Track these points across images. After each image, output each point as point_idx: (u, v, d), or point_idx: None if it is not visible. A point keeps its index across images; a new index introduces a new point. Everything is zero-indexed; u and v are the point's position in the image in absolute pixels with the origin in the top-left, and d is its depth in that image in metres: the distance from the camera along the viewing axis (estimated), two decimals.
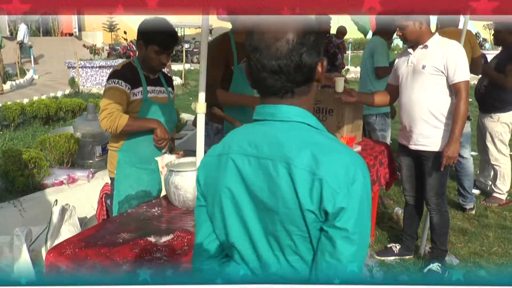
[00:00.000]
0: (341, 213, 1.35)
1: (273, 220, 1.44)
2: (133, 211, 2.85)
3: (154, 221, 2.67)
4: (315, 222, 1.39)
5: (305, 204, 1.37)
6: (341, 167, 1.38)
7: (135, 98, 3.25)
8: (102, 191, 3.87)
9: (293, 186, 1.39)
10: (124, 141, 3.34)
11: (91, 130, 6.54)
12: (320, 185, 1.35)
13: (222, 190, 1.53)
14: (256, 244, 1.51)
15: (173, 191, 2.80)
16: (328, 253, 1.39)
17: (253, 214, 1.50)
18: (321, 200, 1.35)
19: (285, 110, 1.49)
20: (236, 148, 1.52)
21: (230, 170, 1.52)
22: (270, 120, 1.50)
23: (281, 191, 1.41)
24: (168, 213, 2.79)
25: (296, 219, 1.40)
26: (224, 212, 1.54)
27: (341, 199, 1.35)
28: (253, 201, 1.48)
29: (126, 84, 3.19)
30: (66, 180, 5.42)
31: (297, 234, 1.42)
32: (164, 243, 2.36)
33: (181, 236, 2.44)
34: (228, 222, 1.54)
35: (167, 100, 3.46)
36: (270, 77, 1.46)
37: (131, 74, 3.27)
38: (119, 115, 3.12)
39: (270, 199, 1.43)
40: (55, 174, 5.50)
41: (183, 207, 2.83)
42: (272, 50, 1.43)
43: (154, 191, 3.40)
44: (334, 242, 1.37)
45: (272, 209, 1.43)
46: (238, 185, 1.51)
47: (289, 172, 1.39)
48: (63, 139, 6.15)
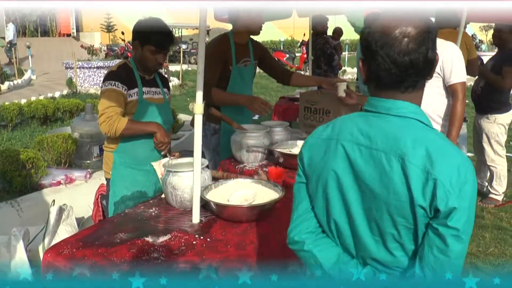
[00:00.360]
0: (453, 213, 1.44)
1: (380, 208, 1.54)
2: (131, 211, 2.86)
3: (151, 221, 2.68)
4: (424, 217, 1.48)
5: (417, 200, 1.46)
6: (455, 168, 1.45)
7: (131, 99, 3.26)
8: (98, 192, 3.87)
9: (406, 181, 1.48)
10: (120, 142, 3.34)
11: (88, 130, 6.55)
12: (434, 184, 1.44)
13: (329, 172, 1.65)
14: (356, 227, 1.63)
15: (170, 191, 2.81)
16: (437, 248, 1.48)
17: (357, 198, 1.61)
18: (434, 198, 1.44)
19: (401, 106, 1.58)
20: (347, 136, 1.64)
21: (339, 155, 1.64)
22: (384, 113, 1.59)
23: (393, 184, 1.50)
24: (165, 213, 2.79)
25: (406, 211, 1.50)
26: (328, 192, 1.67)
27: (453, 199, 1.43)
28: (360, 187, 1.59)
29: (122, 86, 3.20)
30: (63, 180, 5.43)
31: (403, 224, 1.52)
32: (162, 243, 2.37)
33: (179, 236, 2.45)
34: (330, 203, 1.67)
35: (162, 101, 3.47)
36: (400, 71, 1.54)
37: (126, 75, 3.27)
38: (118, 118, 3.12)
39: (381, 189, 1.53)
40: (53, 174, 5.50)
41: (180, 208, 2.83)
42: (402, 45, 1.51)
43: (150, 192, 3.41)
44: (445, 240, 1.46)
45: (381, 198, 1.53)
46: (345, 170, 1.62)
47: (403, 167, 1.48)
48: (61, 139, 6.15)
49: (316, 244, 1.75)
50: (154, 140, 3.27)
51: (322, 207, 1.72)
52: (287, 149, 3.70)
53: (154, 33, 3.23)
